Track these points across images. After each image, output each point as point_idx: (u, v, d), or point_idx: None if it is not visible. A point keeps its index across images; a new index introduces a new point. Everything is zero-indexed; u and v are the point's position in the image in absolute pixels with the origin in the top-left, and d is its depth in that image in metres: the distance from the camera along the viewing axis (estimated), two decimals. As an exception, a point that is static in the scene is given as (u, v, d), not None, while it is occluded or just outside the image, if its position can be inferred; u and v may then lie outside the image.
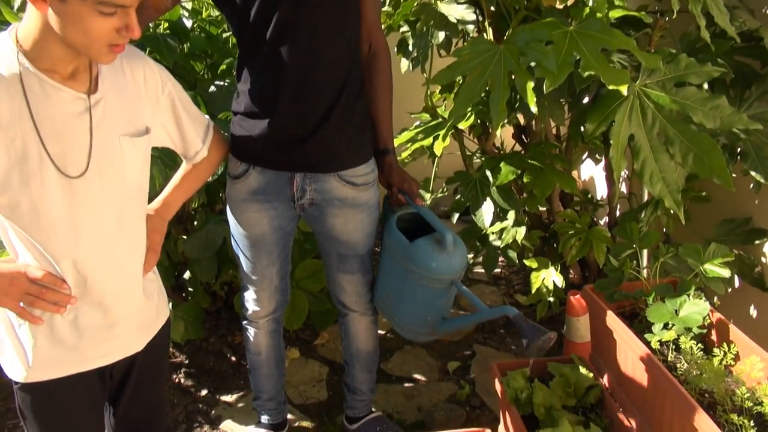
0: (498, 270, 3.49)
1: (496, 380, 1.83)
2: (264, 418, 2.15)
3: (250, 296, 1.94)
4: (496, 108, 1.69)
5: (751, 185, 2.11)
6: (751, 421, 1.28)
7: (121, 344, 1.40)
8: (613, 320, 1.68)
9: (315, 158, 1.70)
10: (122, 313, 1.37)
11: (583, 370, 1.80)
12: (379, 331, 2.92)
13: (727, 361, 1.45)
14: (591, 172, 3.54)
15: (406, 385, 2.54)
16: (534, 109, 1.65)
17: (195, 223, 2.57)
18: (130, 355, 1.43)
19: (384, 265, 1.85)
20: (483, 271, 3.47)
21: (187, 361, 2.67)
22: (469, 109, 2.19)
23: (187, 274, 2.63)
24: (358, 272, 1.92)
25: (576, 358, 1.84)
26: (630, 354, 1.59)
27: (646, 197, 2.23)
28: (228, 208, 1.83)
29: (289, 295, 2.04)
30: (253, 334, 2.02)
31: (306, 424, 2.34)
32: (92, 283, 1.30)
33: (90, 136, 1.22)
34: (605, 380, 1.81)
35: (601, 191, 3.32)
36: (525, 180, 2.08)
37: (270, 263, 1.86)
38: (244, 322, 2.02)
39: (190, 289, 2.68)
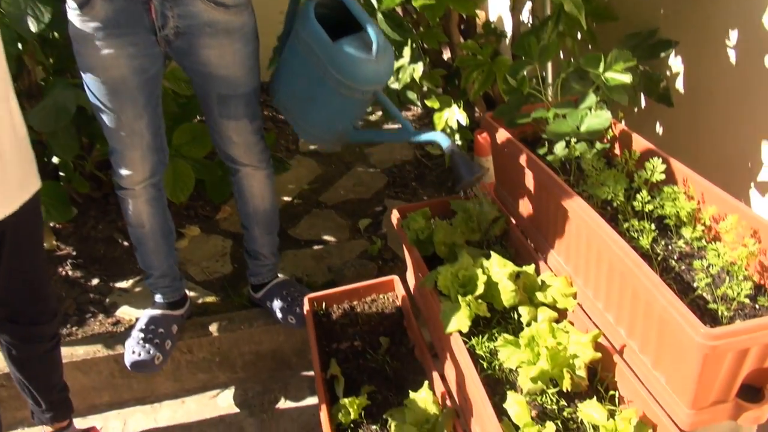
0: (408, 124, 3.32)
1: (396, 223, 1.71)
2: (158, 297, 1.98)
3: (120, 159, 1.68)
4: None
5: (657, -7, 1.96)
6: (652, 225, 1.20)
7: None
8: (504, 137, 1.54)
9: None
10: None
11: (486, 204, 1.69)
12: (286, 198, 2.75)
13: (629, 168, 1.35)
14: (498, 10, 3.31)
15: (316, 247, 2.41)
16: None
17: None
18: None
19: (292, 61, 1.58)
20: (391, 126, 3.30)
21: (74, 253, 2.43)
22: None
23: (56, 158, 2.31)
24: (245, 117, 1.69)
25: (479, 193, 1.73)
26: (527, 174, 1.47)
27: (548, 11, 2.04)
28: (75, 50, 1.52)
29: (166, 156, 1.79)
30: (131, 205, 1.79)
31: (210, 299, 2.20)
32: None
33: None
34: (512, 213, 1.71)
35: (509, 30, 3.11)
36: (415, 4, 1.83)
37: (136, 115, 1.59)
38: (120, 192, 1.77)
39: (62, 174, 2.37)
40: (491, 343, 1.29)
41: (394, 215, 1.73)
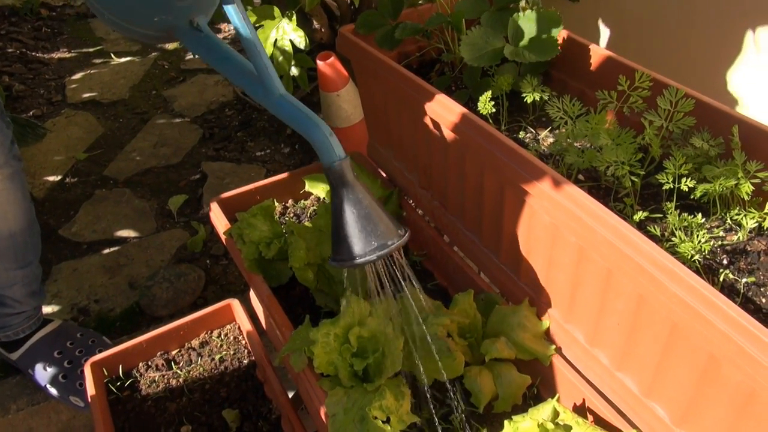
0: (220, 50, 2.50)
1: (222, 233, 1.02)
2: None
3: None
4: None
5: None
6: (700, 215, 0.65)
7: None
8: (380, 65, 0.90)
9: None
10: None
11: (364, 176, 1.06)
12: (51, 177, 1.87)
13: (631, 107, 0.77)
14: None
15: (106, 251, 1.62)
16: None
17: None
18: None
19: None
20: (197, 55, 2.46)
21: None
22: None
23: None
24: None
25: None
26: (429, 127, 0.86)
27: None
28: None
29: None
30: None
31: (-67, 371, 1.35)
32: None
33: None
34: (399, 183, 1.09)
35: None
36: None
37: None
38: None
39: None
40: (432, 468, 0.70)
41: (216, 217, 1.03)
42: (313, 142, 0.68)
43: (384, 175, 1.11)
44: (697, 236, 0.64)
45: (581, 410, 0.75)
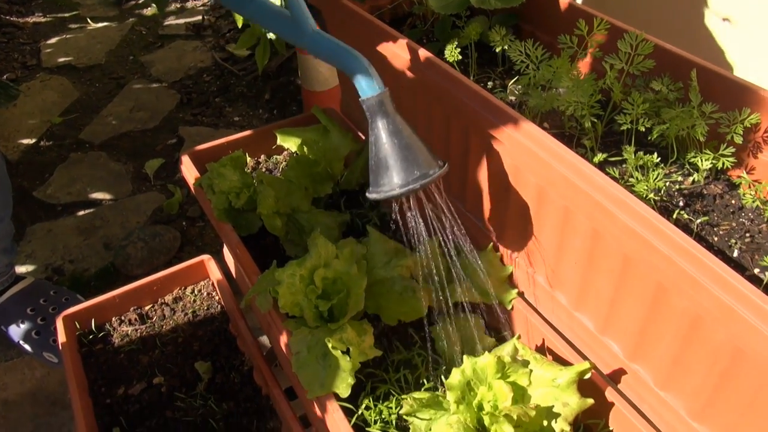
0: (199, 17, 2.47)
1: (191, 183, 1.02)
2: None
3: None
4: None
5: None
6: (655, 154, 0.66)
7: None
8: (356, 17, 0.89)
9: None
10: None
11: (336, 131, 1.06)
12: (26, 140, 1.85)
13: (591, 51, 0.78)
14: None
15: (81, 213, 1.61)
16: None
17: None
18: None
19: None
20: (178, 21, 2.44)
21: None
22: None
23: None
24: None
25: (319, 113, 1.08)
26: (401, 78, 0.86)
27: None
28: None
29: None
30: None
31: None
32: None
33: None
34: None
35: None
36: None
37: None
38: None
39: None
40: (389, 406, 0.71)
41: (187, 169, 1.03)
42: (352, 74, 0.67)
43: (361, 135, 1.11)
44: (653, 175, 0.65)
45: (541, 350, 0.77)
